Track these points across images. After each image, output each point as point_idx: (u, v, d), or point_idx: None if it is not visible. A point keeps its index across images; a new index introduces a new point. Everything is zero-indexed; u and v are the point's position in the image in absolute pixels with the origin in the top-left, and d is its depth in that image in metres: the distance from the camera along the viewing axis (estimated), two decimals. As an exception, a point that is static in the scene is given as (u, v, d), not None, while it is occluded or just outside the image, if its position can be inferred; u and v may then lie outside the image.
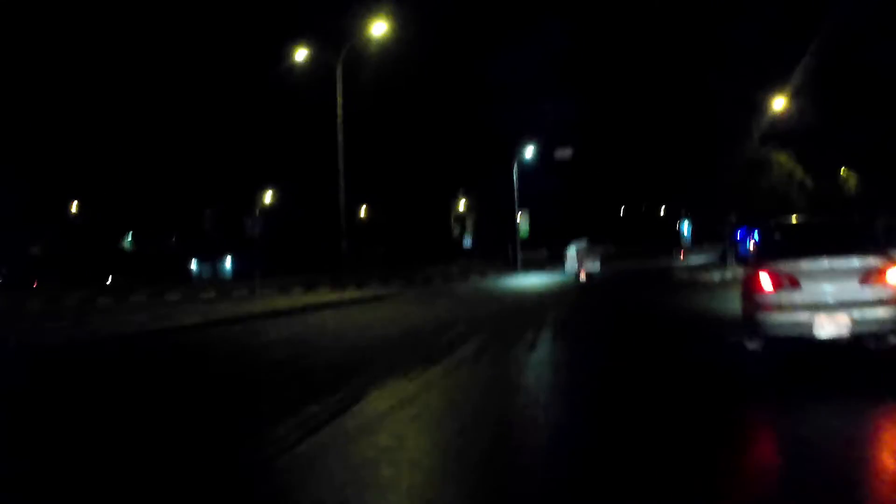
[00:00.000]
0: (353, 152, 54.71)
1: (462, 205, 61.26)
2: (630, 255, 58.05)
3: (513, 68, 58.24)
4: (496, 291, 29.83)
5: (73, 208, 62.81)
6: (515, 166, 49.76)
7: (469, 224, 60.11)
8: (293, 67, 36.35)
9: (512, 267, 50.25)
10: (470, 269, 48.28)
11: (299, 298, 27.30)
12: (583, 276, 32.75)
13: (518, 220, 50.07)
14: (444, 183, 57.96)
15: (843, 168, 48.84)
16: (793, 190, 38.43)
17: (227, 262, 65.98)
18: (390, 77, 54.36)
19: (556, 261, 60.41)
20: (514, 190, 49.82)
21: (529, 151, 50.20)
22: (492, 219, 57.64)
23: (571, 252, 36.23)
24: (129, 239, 67.03)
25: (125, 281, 44.82)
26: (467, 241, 48.93)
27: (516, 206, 49.99)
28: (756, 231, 43.36)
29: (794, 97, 39.41)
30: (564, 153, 53.53)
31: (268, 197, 64.40)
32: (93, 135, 52.32)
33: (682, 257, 56.30)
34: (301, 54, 32.75)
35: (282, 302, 24.33)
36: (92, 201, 61.01)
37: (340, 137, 30.07)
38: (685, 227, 42.93)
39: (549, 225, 59.82)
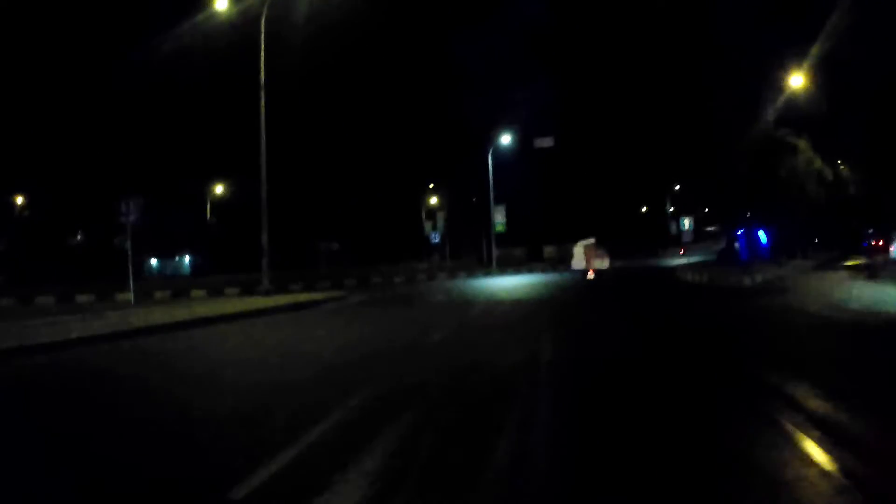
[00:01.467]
0: (307, 136, 46.95)
1: (435, 199, 53.82)
2: (617, 254, 51.04)
3: (489, 48, 50.87)
4: (464, 297, 22.36)
5: (20, 202, 55.75)
6: (490, 155, 42.44)
7: (440, 218, 52.69)
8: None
9: (486, 266, 42.92)
10: (438, 268, 40.95)
11: (217, 304, 19.95)
12: (591, 274, 28.21)
13: (493, 215, 42.77)
14: (414, 173, 50.46)
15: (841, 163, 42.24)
16: (811, 180, 31.36)
17: (186, 259, 59.10)
18: (351, 54, 46.82)
19: (535, 260, 52.95)
20: (489, 181, 42.51)
21: (506, 138, 42.86)
22: (465, 213, 50.22)
23: (578, 249, 30.57)
24: (79, 235, 59.81)
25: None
26: (434, 237, 41.38)
27: (491, 199, 42.65)
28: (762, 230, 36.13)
29: (803, 80, 32.69)
30: (545, 141, 46.27)
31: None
32: (42, 128, 45.16)
33: (682, 253, 49.88)
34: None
35: (183, 312, 16.92)
36: (39, 195, 53.75)
37: (263, 104, 22.37)
38: (686, 223, 35.74)
39: (527, 221, 52.43)
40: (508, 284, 27.81)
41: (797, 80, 30.39)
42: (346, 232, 46.15)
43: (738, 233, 41.39)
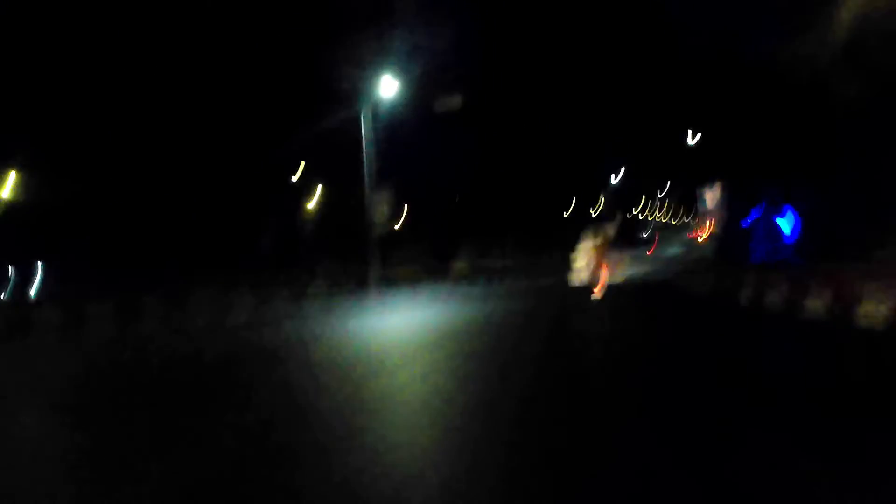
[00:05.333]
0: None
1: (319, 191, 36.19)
2: (548, 265, 35.44)
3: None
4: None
5: None
6: (363, 116, 25.47)
7: (306, 217, 35.24)
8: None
9: (361, 290, 25.92)
10: (279, 294, 23.36)
11: None
12: (597, 292, 13.61)
13: (369, 206, 25.67)
14: (276, 154, 32.73)
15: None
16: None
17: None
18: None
19: (444, 272, 35.76)
20: (361, 154, 25.54)
21: (389, 87, 25.76)
22: (340, 207, 33.12)
23: (583, 257, 13.14)
24: None
25: None
26: (266, 243, 23.50)
27: (367, 182, 25.58)
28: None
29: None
30: (450, 102, 29.79)
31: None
32: None
33: (650, 252, 35.52)
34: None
35: None
36: None
37: None
38: (707, 197, 19.79)
39: (430, 218, 35.81)
40: (381, 354, 10.81)
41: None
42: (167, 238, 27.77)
43: (752, 217, 25.78)
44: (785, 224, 26.10)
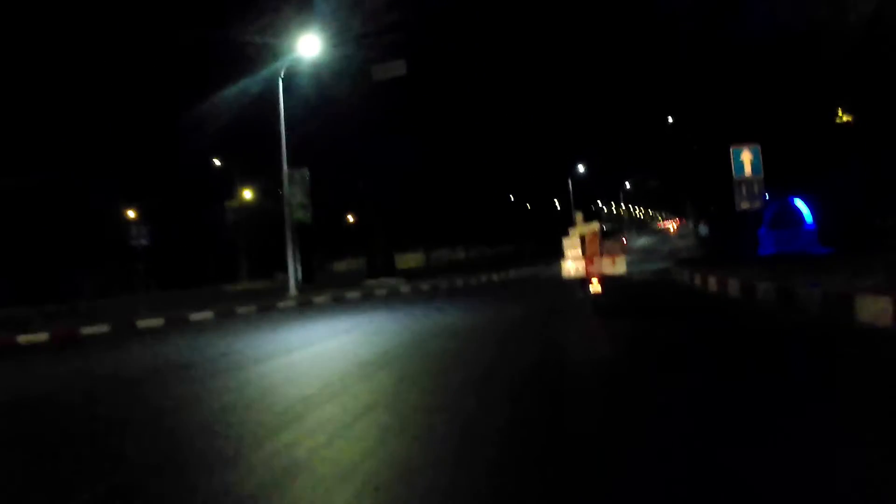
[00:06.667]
0: None
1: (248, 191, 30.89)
2: (513, 259, 31.08)
3: None
4: None
5: None
6: (281, 81, 20.46)
7: (230, 212, 30.03)
8: None
9: (279, 294, 20.81)
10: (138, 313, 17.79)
11: None
12: (596, 286, 8.62)
13: (286, 190, 20.68)
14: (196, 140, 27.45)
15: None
16: None
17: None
18: None
19: (383, 274, 29.42)
20: (280, 131, 20.48)
21: (309, 45, 20.69)
22: (267, 200, 28.09)
23: (572, 245, 8.83)
24: None
25: None
26: (140, 237, 17.89)
27: (283, 160, 20.55)
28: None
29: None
30: (393, 68, 24.79)
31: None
32: None
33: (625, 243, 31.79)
34: None
35: None
36: None
37: None
38: (745, 160, 15.25)
39: (374, 205, 30.90)
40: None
41: None
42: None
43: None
44: (804, 207, 21.75)
